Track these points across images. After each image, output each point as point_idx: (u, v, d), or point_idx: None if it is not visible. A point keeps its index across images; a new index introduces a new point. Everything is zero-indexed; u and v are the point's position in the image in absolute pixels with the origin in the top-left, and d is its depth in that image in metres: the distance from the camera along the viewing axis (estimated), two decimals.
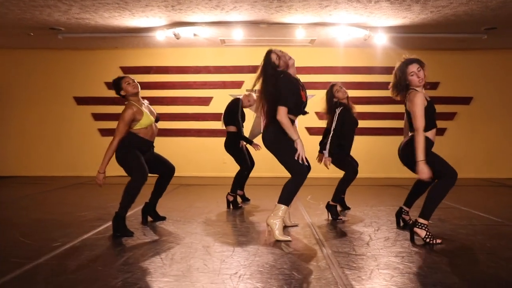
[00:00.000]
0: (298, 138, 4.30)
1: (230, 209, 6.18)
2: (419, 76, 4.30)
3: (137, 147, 4.72)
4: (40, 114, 11.24)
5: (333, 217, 5.38)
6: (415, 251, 3.84)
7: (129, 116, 4.64)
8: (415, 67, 4.32)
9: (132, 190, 4.56)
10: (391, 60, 10.95)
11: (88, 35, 9.52)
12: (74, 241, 4.17)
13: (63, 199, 7.19)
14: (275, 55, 4.43)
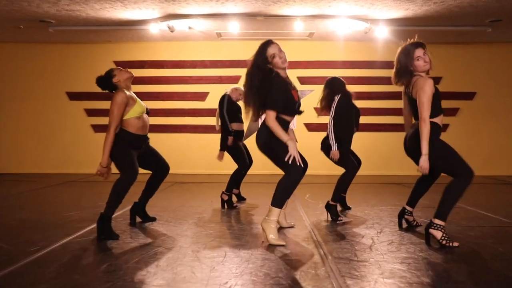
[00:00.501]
0: (289, 139, 3.95)
1: (224, 209, 5.88)
2: (426, 60, 4.03)
3: (131, 145, 4.43)
4: (32, 110, 10.95)
5: (333, 217, 5.09)
6: (422, 257, 3.53)
7: (122, 99, 4.32)
8: (421, 51, 4.05)
9: (120, 189, 4.27)
10: (392, 54, 10.58)
11: (80, 28, 9.22)
12: (54, 245, 3.87)
13: (52, 198, 6.90)
14: (275, 48, 4.11)
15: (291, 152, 3.89)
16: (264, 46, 4.13)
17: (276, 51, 4.08)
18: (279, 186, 3.99)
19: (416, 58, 4.05)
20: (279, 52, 4.08)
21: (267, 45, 4.14)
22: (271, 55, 4.07)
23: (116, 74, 4.53)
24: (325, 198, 5.37)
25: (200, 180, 9.30)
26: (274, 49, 4.09)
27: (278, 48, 4.11)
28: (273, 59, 4.07)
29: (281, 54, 4.09)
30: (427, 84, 3.93)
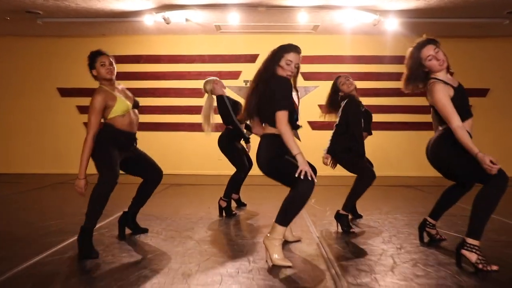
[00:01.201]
0: (300, 152, 3.35)
1: (222, 217, 5.32)
2: (439, 58, 3.48)
3: (114, 141, 3.87)
4: (21, 107, 10.42)
5: (344, 229, 4.53)
6: (457, 283, 2.97)
7: (99, 103, 3.79)
8: (431, 49, 3.51)
9: (99, 196, 3.71)
10: (403, 48, 10.07)
11: (70, 19, 8.69)
12: (18, 267, 3.28)
13: (33, 203, 6.35)
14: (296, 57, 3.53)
15: (302, 167, 3.29)
16: (283, 50, 3.53)
17: (294, 60, 3.51)
18: (286, 203, 3.39)
19: (427, 58, 3.50)
20: (295, 64, 3.53)
21: (288, 50, 3.53)
22: (287, 61, 3.49)
23: (96, 67, 3.97)
24: (333, 203, 4.85)
25: (198, 181, 8.75)
26: (293, 58, 3.51)
27: (298, 58, 3.55)
28: (286, 65, 3.49)
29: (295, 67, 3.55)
30: (436, 90, 3.41)
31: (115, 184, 3.76)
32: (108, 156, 3.82)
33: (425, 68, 3.54)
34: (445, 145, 3.46)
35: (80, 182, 3.78)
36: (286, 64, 3.48)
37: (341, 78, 5.05)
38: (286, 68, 3.48)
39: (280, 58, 3.50)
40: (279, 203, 3.39)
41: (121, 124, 3.93)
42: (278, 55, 3.51)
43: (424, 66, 3.54)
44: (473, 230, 3.29)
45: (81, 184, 3.78)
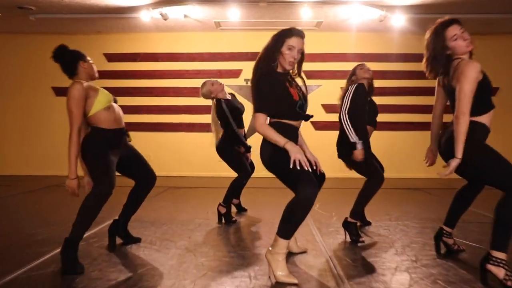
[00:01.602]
0: (286, 142, 3.01)
1: (221, 224, 4.98)
2: (466, 38, 3.15)
3: (105, 143, 3.56)
4: (15, 106, 10.09)
5: (352, 238, 4.19)
6: None
7: (79, 91, 3.46)
8: (456, 28, 3.17)
9: (91, 205, 3.40)
10: (409, 46, 9.83)
11: (64, 15, 8.34)
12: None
13: (21, 209, 6.00)
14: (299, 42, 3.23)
15: (294, 156, 2.96)
16: (285, 35, 3.23)
17: (296, 46, 3.21)
18: (286, 212, 3.06)
19: (452, 37, 3.16)
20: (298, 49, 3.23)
21: (289, 34, 3.23)
22: (289, 46, 3.18)
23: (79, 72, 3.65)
24: (339, 207, 4.50)
25: (197, 184, 8.41)
26: (295, 43, 3.21)
27: (301, 43, 3.26)
28: (288, 50, 3.19)
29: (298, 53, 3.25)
30: (470, 68, 3.03)
31: (110, 192, 3.44)
32: (102, 159, 3.50)
33: (448, 50, 3.20)
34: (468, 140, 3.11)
35: (72, 183, 3.46)
36: (288, 49, 3.18)
37: (361, 64, 4.69)
38: (288, 53, 3.18)
39: (281, 43, 3.18)
40: (282, 208, 3.04)
41: (108, 122, 3.61)
42: (279, 41, 3.20)
43: (447, 48, 3.20)
44: (497, 242, 2.96)
45: (73, 185, 3.47)
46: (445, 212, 3.68)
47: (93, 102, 3.51)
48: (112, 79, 9.84)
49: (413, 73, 9.63)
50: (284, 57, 3.18)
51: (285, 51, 3.18)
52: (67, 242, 3.31)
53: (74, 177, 3.46)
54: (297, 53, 3.22)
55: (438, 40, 3.20)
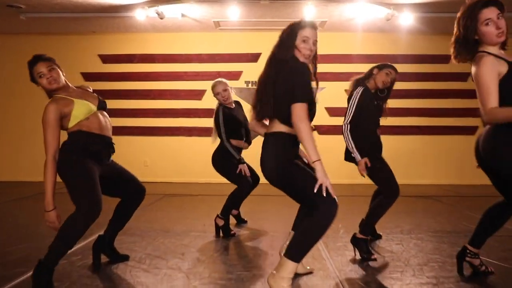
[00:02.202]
0: (319, 160, 2.63)
1: (219, 238, 4.57)
2: (500, 26, 2.72)
3: (86, 150, 3.16)
4: (11, 109, 9.77)
5: (363, 255, 3.79)
6: None
7: (52, 114, 3.13)
8: (493, 12, 2.72)
9: (72, 232, 3.00)
10: (416, 47, 9.46)
11: (56, 15, 7.98)
12: None
13: (2, 220, 5.59)
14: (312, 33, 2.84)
15: (322, 181, 2.58)
16: (297, 27, 2.86)
17: (311, 37, 2.83)
18: (302, 233, 2.67)
19: (485, 22, 2.75)
20: (313, 41, 2.85)
21: (301, 26, 2.85)
22: (303, 38, 2.81)
23: (37, 81, 3.28)
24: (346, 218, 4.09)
25: (195, 191, 8.00)
26: (309, 33, 2.83)
27: (315, 35, 2.87)
28: (303, 43, 2.81)
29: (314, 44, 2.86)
30: (484, 61, 2.70)
31: (96, 215, 3.03)
32: (83, 173, 3.09)
33: (476, 34, 2.81)
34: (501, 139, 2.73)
35: (49, 216, 3.06)
36: (303, 41, 2.81)
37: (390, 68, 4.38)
38: (304, 46, 2.81)
39: (294, 36, 2.82)
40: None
41: (88, 128, 3.21)
42: (292, 34, 2.83)
43: (476, 32, 2.81)
44: None
45: (51, 218, 3.07)
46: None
47: (69, 118, 3.14)
48: (107, 81, 9.52)
49: (420, 74, 9.29)
50: (300, 50, 2.80)
51: (300, 44, 2.80)
52: (40, 265, 2.91)
53: (51, 208, 3.07)
54: (313, 45, 2.83)
55: (469, 20, 2.79)
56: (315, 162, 2.59)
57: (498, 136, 2.78)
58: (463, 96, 9.17)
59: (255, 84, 8.85)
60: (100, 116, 3.30)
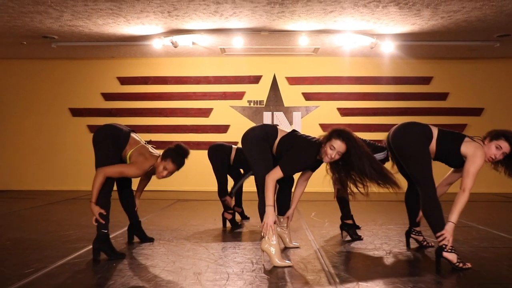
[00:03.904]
0: (272, 206, 3.78)
1: (226, 228, 5.71)
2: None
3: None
4: (34, 126, 10.85)
5: (354, 237, 4.93)
6: (434, 280, 3.37)
7: (130, 172, 4.19)
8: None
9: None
10: (398, 69, 10.63)
11: (83, 43, 9.14)
12: (49, 267, 3.71)
13: (50, 216, 6.72)
14: (339, 145, 3.81)
15: (265, 220, 3.79)
16: (333, 135, 3.83)
17: (336, 147, 3.80)
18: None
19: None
20: (336, 154, 3.81)
21: (336, 136, 3.82)
22: (331, 146, 3.81)
23: (160, 168, 4.38)
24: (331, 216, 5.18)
25: (203, 197, 9.12)
26: (337, 144, 3.80)
27: (343, 149, 3.81)
28: (327, 149, 3.82)
29: (334, 153, 3.82)
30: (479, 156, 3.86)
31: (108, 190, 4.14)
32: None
33: None
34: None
35: (94, 207, 4.05)
36: (327, 147, 3.81)
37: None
38: (324, 152, 3.83)
39: (327, 141, 3.84)
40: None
41: None
42: (327, 138, 3.86)
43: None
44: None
45: (95, 208, 4.07)
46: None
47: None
48: (125, 100, 10.65)
49: (402, 94, 10.40)
50: (323, 152, 3.85)
51: (325, 149, 3.83)
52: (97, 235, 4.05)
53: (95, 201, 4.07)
54: (338, 152, 3.80)
55: None
56: (267, 206, 3.77)
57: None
58: (442, 113, 10.30)
59: (257, 103, 10.09)
60: None
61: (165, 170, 4.26)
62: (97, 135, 4.26)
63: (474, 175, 3.80)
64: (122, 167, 4.10)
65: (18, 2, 6.63)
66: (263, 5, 6.79)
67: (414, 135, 3.99)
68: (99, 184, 3.97)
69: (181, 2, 6.70)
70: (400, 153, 4.03)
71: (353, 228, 4.96)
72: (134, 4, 6.80)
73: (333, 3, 6.71)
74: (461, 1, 6.56)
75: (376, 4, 6.72)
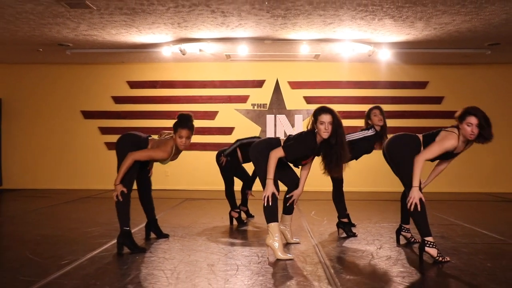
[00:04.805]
0: (271, 179, 4.33)
1: (233, 225, 6.24)
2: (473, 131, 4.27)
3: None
4: (48, 128, 11.39)
5: (349, 234, 5.43)
6: (416, 271, 3.90)
7: (157, 155, 4.69)
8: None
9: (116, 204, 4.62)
10: (395, 74, 11.13)
11: (95, 50, 9.65)
12: (81, 259, 4.24)
13: (69, 214, 7.26)
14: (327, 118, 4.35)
15: (265, 192, 4.36)
16: (317, 113, 4.40)
17: (325, 120, 4.34)
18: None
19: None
20: (327, 124, 4.33)
21: (322, 111, 4.39)
22: (320, 121, 4.36)
23: (177, 135, 4.80)
24: (330, 215, 5.69)
25: (210, 196, 9.63)
26: (325, 119, 4.34)
27: (329, 120, 4.33)
28: (319, 126, 4.36)
29: (328, 127, 4.33)
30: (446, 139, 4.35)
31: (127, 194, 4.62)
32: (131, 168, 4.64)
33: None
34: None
35: (118, 186, 4.58)
36: (320, 124, 4.35)
37: (374, 110, 5.78)
38: (320, 128, 4.35)
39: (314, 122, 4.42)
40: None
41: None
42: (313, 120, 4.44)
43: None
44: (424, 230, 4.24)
45: (119, 187, 4.61)
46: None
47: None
48: (134, 103, 11.16)
49: (399, 98, 10.90)
50: (319, 129, 4.37)
51: (318, 126, 4.37)
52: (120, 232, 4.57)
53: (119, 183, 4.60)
54: (329, 124, 4.33)
55: None
56: (267, 179, 4.34)
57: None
58: (437, 117, 10.78)
59: (260, 107, 10.59)
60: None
61: (181, 138, 4.73)
62: (119, 143, 4.77)
63: (432, 150, 4.29)
64: (149, 151, 4.65)
65: (39, 15, 7.16)
66: (267, 17, 7.31)
67: (403, 143, 4.51)
68: (126, 167, 4.49)
69: (190, 15, 7.22)
70: (391, 159, 4.55)
71: (348, 226, 5.48)
72: (146, 17, 7.33)
73: (332, 16, 7.23)
74: (451, 15, 7.07)
75: (372, 17, 7.23)
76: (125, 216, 4.58)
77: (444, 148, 4.29)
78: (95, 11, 6.93)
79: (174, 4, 6.68)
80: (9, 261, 4.25)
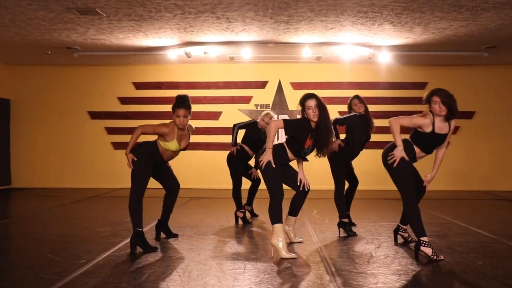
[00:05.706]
0: (270, 149, 4.66)
1: (238, 225, 6.51)
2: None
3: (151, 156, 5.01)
4: (55, 128, 11.66)
5: (349, 233, 5.69)
6: (412, 269, 4.17)
7: (159, 129, 4.98)
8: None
9: (130, 206, 4.92)
10: (395, 76, 11.36)
11: (103, 53, 9.90)
12: (97, 258, 4.51)
13: (81, 213, 7.54)
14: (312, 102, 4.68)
15: (264, 158, 4.65)
16: (303, 100, 4.74)
17: (311, 105, 4.66)
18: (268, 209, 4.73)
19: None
20: (314, 107, 4.65)
21: (307, 97, 4.73)
22: (307, 107, 4.68)
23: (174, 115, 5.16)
24: (331, 213, 5.95)
25: (214, 195, 9.91)
26: (311, 103, 4.67)
27: (314, 104, 4.67)
28: (307, 111, 4.68)
29: (315, 110, 4.66)
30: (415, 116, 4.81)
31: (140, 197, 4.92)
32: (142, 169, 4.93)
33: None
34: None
35: (129, 155, 4.92)
36: (307, 109, 4.67)
37: (354, 99, 6.15)
38: (308, 113, 4.68)
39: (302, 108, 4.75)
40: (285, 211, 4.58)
41: (162, 151, 5.11)
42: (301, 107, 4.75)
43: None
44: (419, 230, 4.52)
45: (130, 156, 4.91)
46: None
47: (161, 138, 5.03)
48: (140, 104, 11.43)
49: (399, 99, 11.15)
50: (307, 114, 4.70)
51: (306, 111, 4.70)
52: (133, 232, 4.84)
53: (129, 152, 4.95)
54: (315, 108, 4.66)
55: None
56: (267, 147, 4.67)
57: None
58: None
59: (263, 107, 10.84)
60: (174, 153, 5.19)
61: (179, 117, 5.08)
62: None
63: (406, 118, 4.88)
64: (154, 125, 5.03)
65: (50, 21, 7.42)
66: (270, 23, 7.57)
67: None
68: (135, 137, 4.92)
69: (196, 21, 7.48)
70: (386, 169, 4.84)
71: (349, 226, 5.75)
72: (153, 23, 7.59)
73: (333, 22, 7.48)
74: (448, 20, 7.32)
75: (372, 22, 7.48)
76: (138, 217, 4.86)
77: (415, 120, 4.81)
78: (104, 17, 7.19)
79: (181, 11, 6.93)
80: (30, 260, 4.51)
